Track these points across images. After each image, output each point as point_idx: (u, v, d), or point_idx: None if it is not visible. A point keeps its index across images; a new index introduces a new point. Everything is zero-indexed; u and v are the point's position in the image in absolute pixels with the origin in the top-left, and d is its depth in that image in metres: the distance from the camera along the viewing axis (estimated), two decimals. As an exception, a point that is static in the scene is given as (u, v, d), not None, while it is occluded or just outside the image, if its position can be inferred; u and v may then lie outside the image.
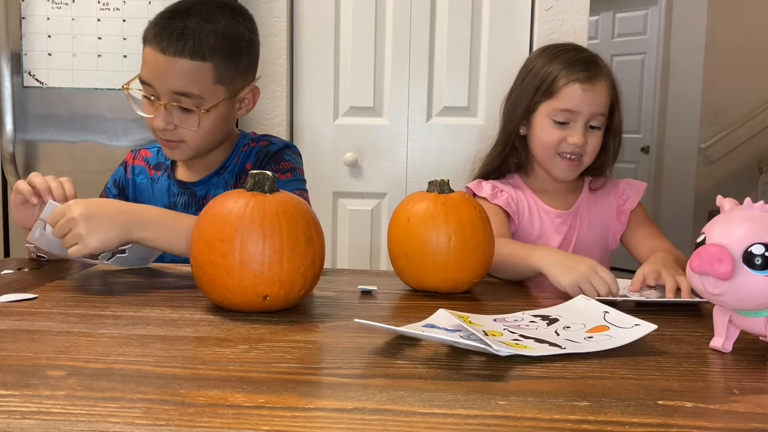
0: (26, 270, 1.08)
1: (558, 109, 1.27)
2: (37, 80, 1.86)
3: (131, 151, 1.34)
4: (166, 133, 1.13)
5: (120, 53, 1.85)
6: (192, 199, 1.24)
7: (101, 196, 1.29)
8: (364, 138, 2.19)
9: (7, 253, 1.90)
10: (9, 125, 1.81)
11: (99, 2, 1.84)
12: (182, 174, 1.27)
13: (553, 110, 1.28)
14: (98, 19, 1.84)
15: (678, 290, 0.98)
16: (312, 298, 0.93)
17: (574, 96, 1.26)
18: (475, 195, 1.33)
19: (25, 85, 1.86)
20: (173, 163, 1.28)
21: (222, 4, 1.16)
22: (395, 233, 0.99)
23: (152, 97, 1.12)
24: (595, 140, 1.29)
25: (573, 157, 1.28)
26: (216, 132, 1.17)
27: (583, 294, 0.93)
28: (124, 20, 1.84)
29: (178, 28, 1.09)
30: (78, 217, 0.94)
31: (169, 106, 1.10)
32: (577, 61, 1.29)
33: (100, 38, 1.85)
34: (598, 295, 0.95)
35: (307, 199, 1.21)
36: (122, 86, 1.15)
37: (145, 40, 1.11)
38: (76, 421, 0.51)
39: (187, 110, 1.11)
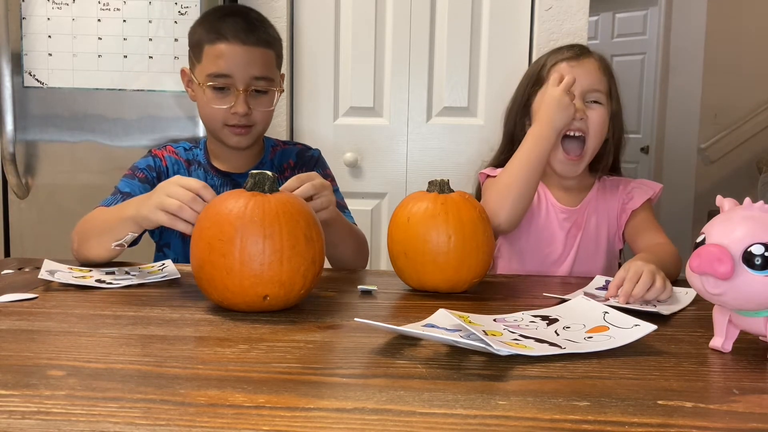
0: (26, 270, 1.08)
1: None
2: (38, 80, 1.86)
3: (155, 149, 1.35)
4: (242, 119, 1.23)
5: (120, 53, 1.85)
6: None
7: (134, 176, 1.27)
8: (364, 138, 2.19)
9: (7, 253, 1.90)
10: (9, 125, 1.81)
11: (99, 3, 1.84)
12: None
13: None
14: (98, 20, 1.84)
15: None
16: (312, 298, 0.93)
17: (564, 73, 1.26)
18: (488, 177, 1.34)
19: (25, 85, 1.86)
20: (207, 159, 1.33)
21: (252, 9, 1.32)
22: (395, 233, 0.99)
23: (226, 88, 1.22)
24: (596, 116, 1.26)
25: (578, 134, 1.26)
26: (272, 115, 1.30)
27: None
28: (124, 20, 1.84)
29: (246, 25, 1.23)
30: (327, 185, 1.06)
31: (248, 91, 1.22)
32: (562, 47, 1.33)
33: (100, 38, 1.85)
34: None
35: (346, 206, 1.35)
36: (199, 83, 1.25)
37: (214, 39, 1.22)
38: (76, 421, 0.51)
39: (261, 92, 1.25)
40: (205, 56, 1.23)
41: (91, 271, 1.05)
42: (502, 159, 1.39)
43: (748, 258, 0.64)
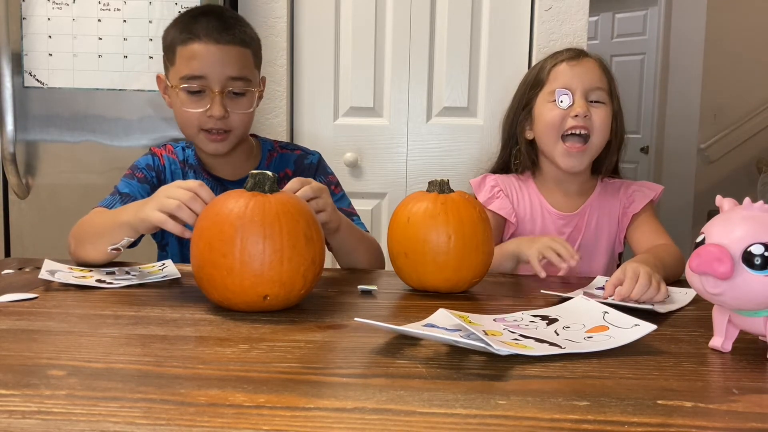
0: (27, 270, 1.08)
1: (553, 91, 1.27)
2: (38, 80, 1.86)
3: (155, 147, 1.34)
4: (219, 123, 1.18)
5: (120, 54, 1.85)
6: None
7: (133, 176, 1.26)
8: (364, 138, 2.19)
9: (7, 253, 1.90)
10: (9, 125, 1.81)
11: (99, 3, 1.84)
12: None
13: (549, 93, 1.28)
14: (99, 20, 1.84)
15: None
16: (312, 298, 0.93)
17: (564, 73, 1.27)
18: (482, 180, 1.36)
19: (25, 85, 1.86)
20: (198, 161, 1.31)
21: (227, 8, 1.28)
22: (395, 233, 0.99)
23: (201, 91, 1.17)
24: (598, 116, 1.26)
25: (581, 132, 1.25)
26: (252, 119, 1.25)
27: (548, 257, 1.09)
28: (124, 21, 1.84)
29: (220, 23, 1.17)
30: (324, 188, 1.04)
31: (224, 93, 1.17)
32: (560, 51, 1.34)
33: (100, 39, 1.85)
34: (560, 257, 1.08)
35: (356, 212, 1.31)
36: (172, 85, 1.20)
37: (186, 39, 1.17)
38: (76, 420, 0.51)
39: (239, 94, 1.19)
40: (179, 58, 1.18)
41: (91, 271, 1.05)
42: (499, 167, 1.40)
43: (747, 258, 0.64)
